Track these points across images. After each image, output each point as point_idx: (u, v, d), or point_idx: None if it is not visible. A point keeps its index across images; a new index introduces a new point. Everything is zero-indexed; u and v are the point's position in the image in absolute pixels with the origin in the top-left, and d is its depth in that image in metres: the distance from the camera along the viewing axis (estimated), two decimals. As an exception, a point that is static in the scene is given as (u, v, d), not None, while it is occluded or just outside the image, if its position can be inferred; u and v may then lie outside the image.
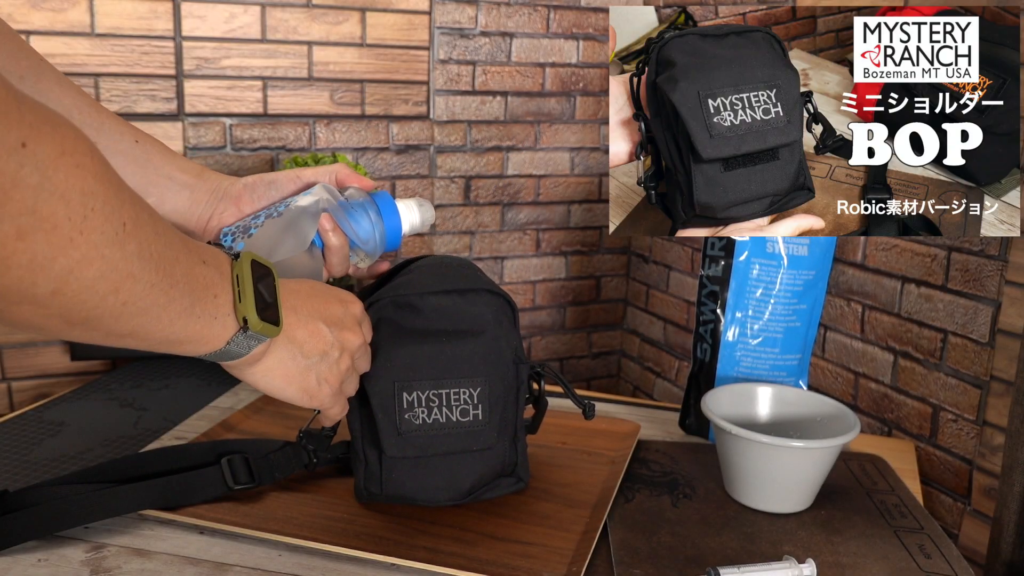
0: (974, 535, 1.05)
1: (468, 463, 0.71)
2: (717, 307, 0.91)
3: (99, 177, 0.41)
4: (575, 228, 1.73)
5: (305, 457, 0.76)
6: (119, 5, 1.30)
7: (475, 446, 0.70)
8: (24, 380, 1.32)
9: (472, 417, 0.70)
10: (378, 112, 1.50)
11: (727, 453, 0.78)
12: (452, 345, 0.69)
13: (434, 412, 0.69)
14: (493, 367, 0.70)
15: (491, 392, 0.70)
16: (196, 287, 0.50)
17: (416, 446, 0.69)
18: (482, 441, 0.71)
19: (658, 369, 1.73)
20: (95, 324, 0.44)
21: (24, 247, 0.37)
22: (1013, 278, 0.99)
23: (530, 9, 1.58)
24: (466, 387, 0.69)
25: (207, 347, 0.53)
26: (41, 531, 0.66)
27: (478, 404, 0.69)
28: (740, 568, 0.64)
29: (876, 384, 1.21)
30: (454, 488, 0.72)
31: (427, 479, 0.71)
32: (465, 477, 0.72)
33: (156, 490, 0.70)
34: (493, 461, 0.73)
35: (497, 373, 0.70)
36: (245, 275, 0.54)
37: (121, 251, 0.42)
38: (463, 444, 0.70)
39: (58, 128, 0.39)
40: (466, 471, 0.71)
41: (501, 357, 0.71)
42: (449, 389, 0.69)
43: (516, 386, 0.73)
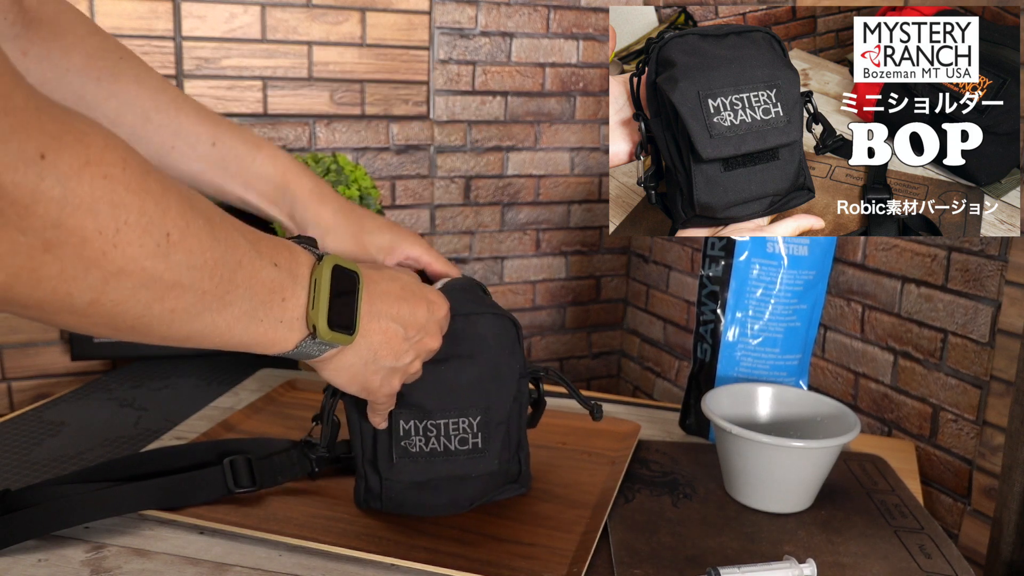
0: (974, 535, 1.05)
1: (469, 485, 0.71)
2: (717, 307, 0.91)
3: (132, 188, 0.39)
4: (575, 228, 1.73)
5: (308, 464, 0.76)
6: (119, 5, 1.30)
7: (475, 472, 0.70)
8: (24, 380, 1.32)
9: (471, 446, 0.69)
10: (378, 112, 1.50)
11: (727, 453, 0.78)
12: (451, 370, 0.68)
13: (431, 442, 0.68)
14: (492, 394, 0.70)
15: (490, 420, 0.69)
16: (260, 291, 0.48)
17: (414, 471, 0.69)
18: (482, 467, 0.70)
19: (658, 369, 1.73)
20: (144, 331, 0.43)
21: (52, 259, 0.36)
22: (1013, 278, 0.99)
23: (530, 9, 1.58)
24: (465, 416, 0.68)
25: (275, 349, 0.52)
26: (42, 530, 0.66)
27: (477, 433, 0.69)
28: (740, 568, 0.64)
29: (876, 384, 1.21)
30: (455, 504, 0.72)
31: (428, 498, 0.71)
32: (466, 496, 0.72)
33: (157, 490, 0.69)
34: (496, 479, 0.73)
35: (497, 399, 0.70)
36: (323, 281, 0.52)
37: (165, 262, 0.41)
38: (463, 469, 0.70)
39: (84, 137, 0.37)
40: (467, 491, 0.71)
41: (502, 381, 0.70)
42: (447, 419, 0.68)
43: (518, 404, 0.72)
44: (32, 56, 0.60)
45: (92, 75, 0.62)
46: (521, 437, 0.74)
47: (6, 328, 1.29)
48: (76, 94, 0.61)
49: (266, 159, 0.69)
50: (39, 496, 0.67)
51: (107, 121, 0.61)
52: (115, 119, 0.62)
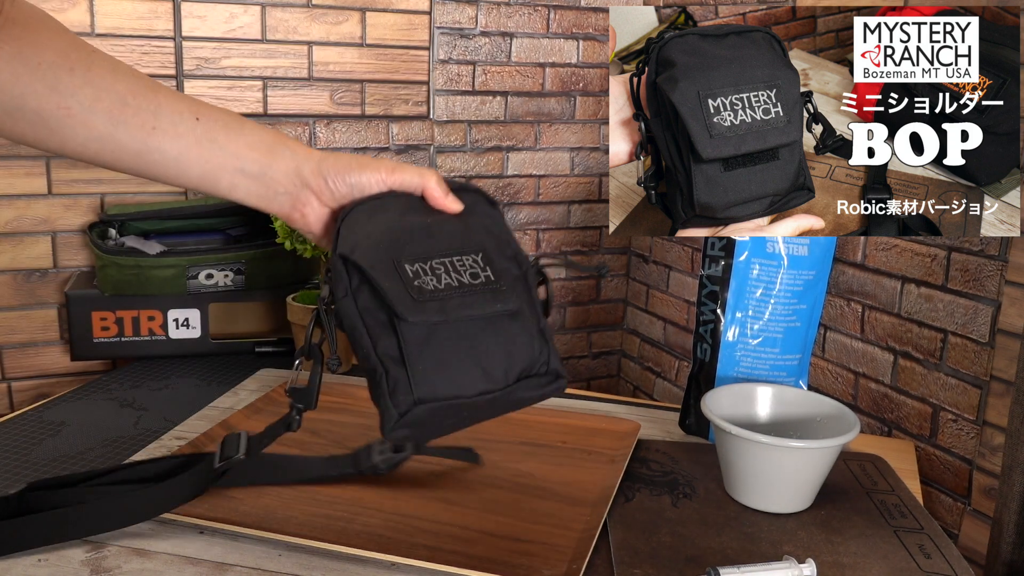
0: (974, 535, 1.05)
1: (494, 334, 0.62)
2: (717, 307, 0.91)
3: None
4: (575, 228, 1.73)
5: (288, 420, 0.68)
6: (119, 5, 1.30)
7: (497, 305, 0.62)
8: (24, 380, 1.32)
9: (484, 279, 0.63)
10: (378, 112, 1.50)
11: (727, 453, 0.78)
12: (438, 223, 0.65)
13: (443, 278, 0.62)
14: (488, 245, 0.65)
15: (493, 262, 0.64)
16: None
17: (433, 310, 0.61)
18: (504, 300, 0.62)
19: (658, 369, 1.73)
20: None
21: None
22: (1013, 278, 0.99)
23: (530, 9, 1.58)
24: (467, 254, 0.64)
25: None
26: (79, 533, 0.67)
27: (485, 267, 0.63)
28: (740, 568, 0.64)
29: (876, 384, 1.21)
30: (487, 374, 0.62)
31: (455, 365, 0.62)
32: (495, 355, 0.62)
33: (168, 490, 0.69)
34: (521, 335, 0.64)
35: (496, 252, 0.65)
36: None
37: None
38: (484, 304, 0.62)
39: None
40: (494, 346, 0.63)
41: (490, 234, 0.66)
42: (450, 257, 0.63)
43: (521, 273, 0.66)
44: (3, 54, 0.60)
45: (65, 66, 0.62)
46: (541, 319, 0.66)
47: (6, 328, 1.30)
48: (49, 86, 0.61)
49: (254, 127, 0.68)
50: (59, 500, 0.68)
51: (82, 108, 0.61)
52: (91, 105, 0.62)
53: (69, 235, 1.31)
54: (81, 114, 0.61)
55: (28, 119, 0.61)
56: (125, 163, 0.65)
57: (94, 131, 0.62)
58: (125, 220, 1.26)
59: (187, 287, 1.20)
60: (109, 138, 0.63)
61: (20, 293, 1.30)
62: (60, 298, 1.31)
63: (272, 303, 1.25)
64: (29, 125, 0.62)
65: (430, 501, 0.75)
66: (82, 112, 0.62)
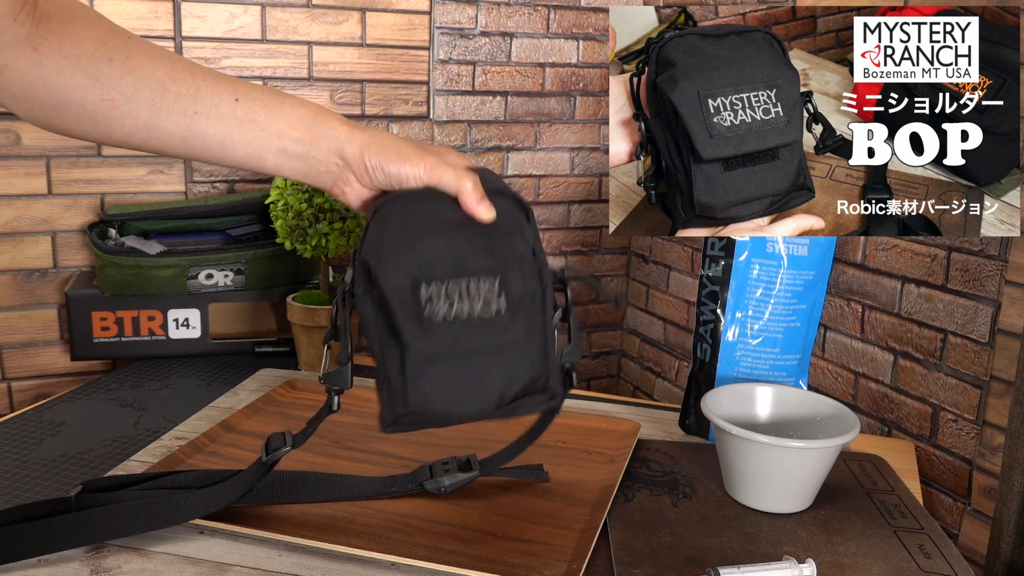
0: (974, 535, 1.05)
1: (496, 363, 0.65)
2: (717, 307, 0.91)
3: None
4: (575, 228, 1.73)
5: (329, 403, 0.70)
6: (119, 5, 1.30)
7: (501, 339, 0.64)
8: (24, 380, 1.32)
9: (495, 311, 0.64)
10: (378, 112, 1.50)
11: (727, 453, 0.78)
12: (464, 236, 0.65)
13: (455, 306, 0.64)
14: (507, 263, 0.65)
15: (510, 287, 0.65)
16: None
17: (438, 340, 0.63)
18: (508, 334, 0.64)
19: (658, 369, 1.73)
20: None
21: None
22: (1013, 278, 0.99)
23: (530, 9, 1.58)
24: (487, 275, 0.64)
25: None
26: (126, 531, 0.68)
27: (500, 293, 0.64)
28: (740, 568, 0.64)
29: (876, 384, 1.21)
30: (483, 395, 0.65)
31: (453, 386, 0.64)
32: (493, 380, 0.65)
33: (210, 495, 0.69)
34: (522, 364, 0.66)
35: (518, 264, 0.66)
36: None
37: None
38: (490, 337, 0.64)
39: None
40: (494, 372, 0.65)
41: (515, 252, 0.66)
42: (469, 279, 0.64)
43: (540, 289, 0.67)
44: (44, 50, 0.61)
45: (104, 57, 0.63)
46: (548, 336, 0.68)
47: (6, 328, 1.30)
48: (92, 78, 0.62)
49: (294, 103, 0.67)
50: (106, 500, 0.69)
51: (125, 99, 0.62)
52: (133, 95, 0.63)
53: (69, 235, 1.31)
54: (124, 104, 0.62)
55: (73, 113, 0.62)
56: (172, 149, 0.65)
57: (139, 120, 0.63)
58: (125, 220, 1.26)
59: (187, 287, 1.20)
60: (153, 126, 0.63)
61: (20, 293, 1.30)
62: (60, 298, 1.31)
63: (272, 303, 1.25)
64: (75, 119, 0.62)
65: (430, 501, 0.75)
66: (125, 103, 0.62)
